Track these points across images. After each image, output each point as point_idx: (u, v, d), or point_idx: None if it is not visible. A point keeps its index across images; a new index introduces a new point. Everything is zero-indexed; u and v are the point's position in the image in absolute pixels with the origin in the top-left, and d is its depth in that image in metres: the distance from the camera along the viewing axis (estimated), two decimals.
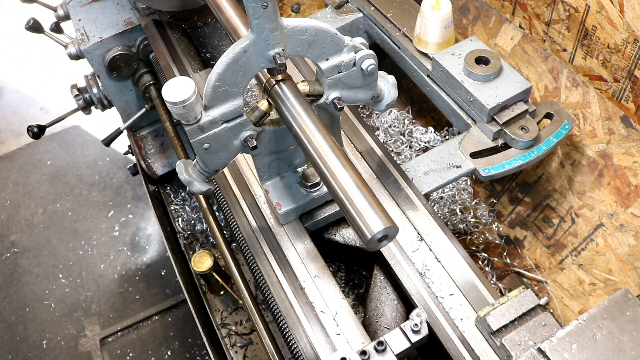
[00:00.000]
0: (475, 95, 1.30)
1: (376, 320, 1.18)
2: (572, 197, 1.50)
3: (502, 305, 0.96)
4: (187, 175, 1.04)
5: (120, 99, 1.85)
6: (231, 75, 0.91)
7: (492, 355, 0.97)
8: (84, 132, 3.51)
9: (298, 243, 1.17)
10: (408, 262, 1.12)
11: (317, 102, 1.05)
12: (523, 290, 0.97)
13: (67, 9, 1.79)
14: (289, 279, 1.12)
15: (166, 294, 2.65)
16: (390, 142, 1.87)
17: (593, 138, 1.41)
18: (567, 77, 1.44)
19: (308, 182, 1.17)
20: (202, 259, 1.45)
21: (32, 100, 3.74)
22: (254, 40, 0.86)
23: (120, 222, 3.00)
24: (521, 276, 1.65)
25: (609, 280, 1.43)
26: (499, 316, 0.95)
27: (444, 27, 1.41)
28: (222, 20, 1.08)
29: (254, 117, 1.01)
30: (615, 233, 1.40)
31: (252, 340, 1.54)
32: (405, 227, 1.17)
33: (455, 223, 1.69)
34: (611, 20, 1.26)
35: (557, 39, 1.44)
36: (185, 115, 0.91)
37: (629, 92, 1.31)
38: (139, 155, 1.95)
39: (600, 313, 0.91)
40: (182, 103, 0.88)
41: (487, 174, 1.26)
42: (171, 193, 1.96)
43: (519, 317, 0.95)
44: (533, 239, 1.63)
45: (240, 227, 1.22)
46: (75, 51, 1.68)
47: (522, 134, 1.28)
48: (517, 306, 0.96)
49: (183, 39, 1.63)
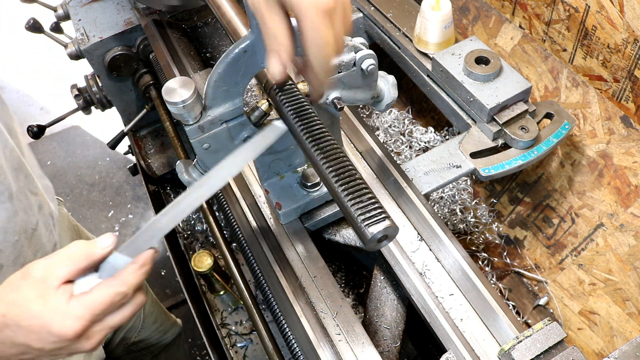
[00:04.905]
0: (475, 95, 1.30)
1: (376, 320, 1.18)
2: (572, 197, 1.50)
3: (527, 338, 0.93)
4: (187, 175, 1.04)
5: (120, 99, 1.85)
6: (231, 75, 0.91)
7: None
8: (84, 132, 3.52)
9: (298, 243, 1.17)
10: (408, 262, 1.12)
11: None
12: (549, 323, 0.94)
13: (67, 9, 1.79)
14: (289, 279, 1.12)
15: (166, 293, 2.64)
16: (390, 142, 1.87)
17: (593, 138, 1.41)
18: (567, 77, 1.44)
19: (308, 182, 1.17)
20: (202, 259, 1.45)
21: (32, 100, 3.74)
22: (254, 40, 0.86)
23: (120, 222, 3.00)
24: (521, 276, 1.65)
25: (609, 280, 1.43)
26: (524, 350, 0.92)
27: (444, 27, 1.41)
28: (222, 20, 1.08)
29: (254, 117, 1.01)
30: (615, 233, 1.40)
31: (252, 340, 1.54)
32: (405, 227, 1.17)
33: (455, 223, 1.69)
34: (611, 20, 1.26)
35: (557, 39, 1.44)
36: (185, 115, 0.91)
37: (629, 92, 1.31)
38: (139, 155, 1.95)
39: (632, 351, 0.89)
40: (182, 103, 0.88)
41: (487, 174, 1.26)
42: (171, 193, 1.96)
43: (545, 352, 0.92)
44: (533, 239, 1.63)
45: (240, 227, 1.22)
46: (75, 51, 1.68)
47: (522, 134, 1.28)
48: (543, 340, 0.93)
49: (183, 39, 1.63)
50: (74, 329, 0.70)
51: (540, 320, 0.97)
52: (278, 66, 0.78)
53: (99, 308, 0.71)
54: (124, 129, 1.92)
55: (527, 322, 1.59)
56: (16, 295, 0.71)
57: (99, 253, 0.75)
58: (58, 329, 0.70)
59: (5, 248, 1.02)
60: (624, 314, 1.41)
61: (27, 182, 1.12)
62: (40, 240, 1.14)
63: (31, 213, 1.11)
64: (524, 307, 1.61)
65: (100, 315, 0.73)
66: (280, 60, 0.77)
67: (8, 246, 1.03)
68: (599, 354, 1.47)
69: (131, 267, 0.76)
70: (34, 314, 0.70)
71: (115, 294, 0.73)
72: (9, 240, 1.03)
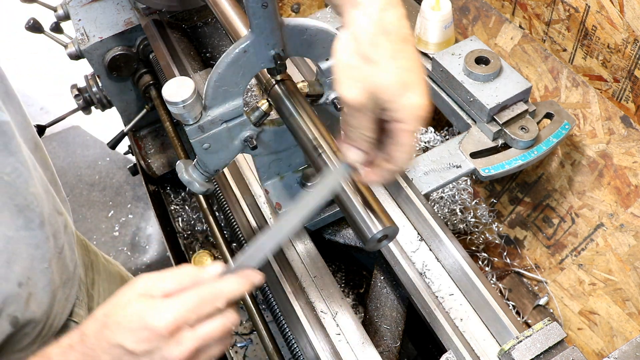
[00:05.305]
0: (475, 95, 1.30)
1: (376, 320, 1.18)
2: (572, 197, 1.50)
3: (527, 338, 0.93)
4: (187, 175, 1.04)
5: (120, 99, 1.85)
6: (231, 75, 0.91)
7: None
8: (84, 132, 3.51)
9: (298, 243, 1.17)
10: (408, 262, 1.12)
11: (317, 102, 1.05)
12: (549, 323, 0.95)
13: (67, 9, 1.78)
14: (289, 279, 1.11)
15: None
16: None
17: (593, 138, 1.41)
18: (567, 77, 1.44)
19: (308, 182, 1.17)
20: (202, 259, 1.45)
21: (32, 100, 3.74)
22: (254, 40, 0.86)
23: (120, 222, 3.00)
24: (521, 276, 1.65)
25: (609, 280, 1.43)
26: (524, 350, 0.92)
27: (444, 27, 1.41)
28: (222, 20, 1.08)
29: (254, 117, 1.01)
30: (615, 233, 1.40)
31: (252, 340, 1.54)
32: (405, 227, 1.17)
33: (455, 223, 1.69)
34: (611, 20, 1.26)
35: (557, 39, 1.44)
36: (185, 115, 0.91)
37: (629, 92, 1.31)
38: (139, 155, 1.95)
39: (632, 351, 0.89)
40: (182, 103, 0.88)
41: (487, 174, 1.26)
42: (171, 193, 1.96)
43: (545, 352, 0.93)
44: (533, 239, 1.63)
45: (240, 227, 1.22)
46: (75, 51, 1.67)
47: (522, 134, 1.28)
48: (543, 340, 0.93)
49: (183, 39, 1.63)
50: (166, 320, 0.72)
51: (540, 320, 0.97)
52: (358, 155, 0.78)
53: (191, 303, 0.73)
54: (124, 129, 1.92)
55: (527, 322, 1.59)
56: (119, 299, 0.76)
57: (205, 279, 0.78)
58: (151, 321, 0.72)
59: (33, 275, 0.98)
60: (624, 314, 1.41)
61: (54, 202, 1.08)
62: (65, 262, 1.09)
63: (59, 236, 1.06)
64: (524, 307, 1.61)
65: (192, 314, 0.74)
66: (361, 150, 0.78)
67: (36, 273, 0.98)
68: (599, 354, 1.47)
69: (228, 276, 0.78)
70: (133, 311, 0.73)
71: (208, 293, 0.75)
72: (37, 267, 0.99)
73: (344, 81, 0.74)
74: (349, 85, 0.73)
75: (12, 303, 0.93)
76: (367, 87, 0.71)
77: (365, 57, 0.72)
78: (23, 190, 0.95)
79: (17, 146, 0.94)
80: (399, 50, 0.72)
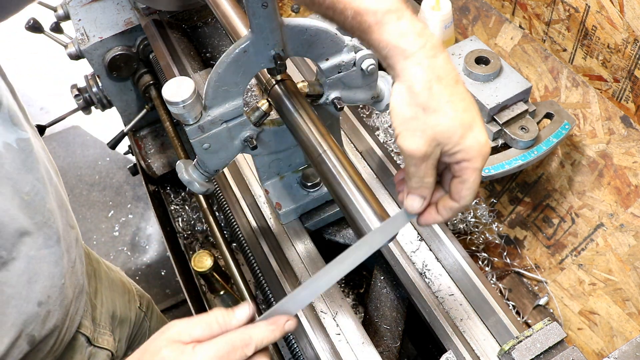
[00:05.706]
0: (476, 95, 1.30)
1: (376, 320, 1.18)
2: (572, 197, 1.50)
3: (527, 338, 0.93)
4: (187, 175, 1.04)
5: (120, 99, 1.85)
6: (231, 75, 0.91)
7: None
8: (84, 132, 3.51)
9: (298, 243, 1.17)
10: (408, 262, 1.12)
11: (317, 102, 1.05)
12: (549, 323, 0.95)
13: (67, 9, 1.79)
14: (289, 279, 1.12)
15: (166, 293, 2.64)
16: (390, 142, 1.87)
17: (593, 138, 1.41)
18: (567, 77, 1.44)
19: (308, 182, 1.18)
20: (202, 259, 1.45)
21: (32, 100, 3.74)
22: (254, 40, 0.86)
23: (120, 222, 3.00)
24: (521, 276, 1.65)
25: (609, 280, 1.43)
26: (524, 350, 0.92)
27: (444, 27, 1.41)
28: (222, 20, 1.08)
29: (254, 117, 1.01)
30: (615, 233, 1.40)
31: None
32: (405, 227, 1.17)
33: (455, 223, 1.69)
34: (611, 20, 1.26)
35: (557, 39, 1.44)
36: (185, 115, 0.91)
37: (629, 92, 1.31)
38: (139, 155, 1.95)
39: (632, 351, 0.89)
40: (182, 103, 0.88)
41: (487, 174, 1.26)
42: (171, 193, 1.96)
43: (545, 352, 0.93)
44: (533, 239, 1.63)
45: (240, 227, 1.22)
46: (75, 51, 1.68)
47: (522, 134, 1.28)
48: (543, 340, 0.93)
49: (183, 39, 1.63)
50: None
51: (540, 320, 0.97)
52: (421, 203, 0.79)
53: (221, 351, 0.73)
54: (124, 129, 1.92)
55: (527, 322, 1.59)
56: (151, 345, 0.77)
57: (234, 325, 0.78)
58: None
59: (52, 293, 0.98)
60: (624, 314, 1.41)
61: (67, 216, 1.07)
62: (77, 276, 1.09)
63: (72, 250, 1.07)
64: (524, 307, 1.61)
65: None
66: (424, 199, 0.78)
67: (55, 291, 0.99)
68: (599, 354, 1.47)
69: (260, 322, 0.78)
70: (164, 357, 0.73)
71: (238, 340, 0.75)
72: (56, 284, 0.99)
73: (405, 134, 0.73)
74: (411, 136, 0.73)
75: (31, 323, 0.94)
76: (430, 135, 0.72)
77: (423, 107, 0.72)
78: (41, 207, 0.95)
79: (34, 162, 0.94)
80: (453, 94, 0.73)
